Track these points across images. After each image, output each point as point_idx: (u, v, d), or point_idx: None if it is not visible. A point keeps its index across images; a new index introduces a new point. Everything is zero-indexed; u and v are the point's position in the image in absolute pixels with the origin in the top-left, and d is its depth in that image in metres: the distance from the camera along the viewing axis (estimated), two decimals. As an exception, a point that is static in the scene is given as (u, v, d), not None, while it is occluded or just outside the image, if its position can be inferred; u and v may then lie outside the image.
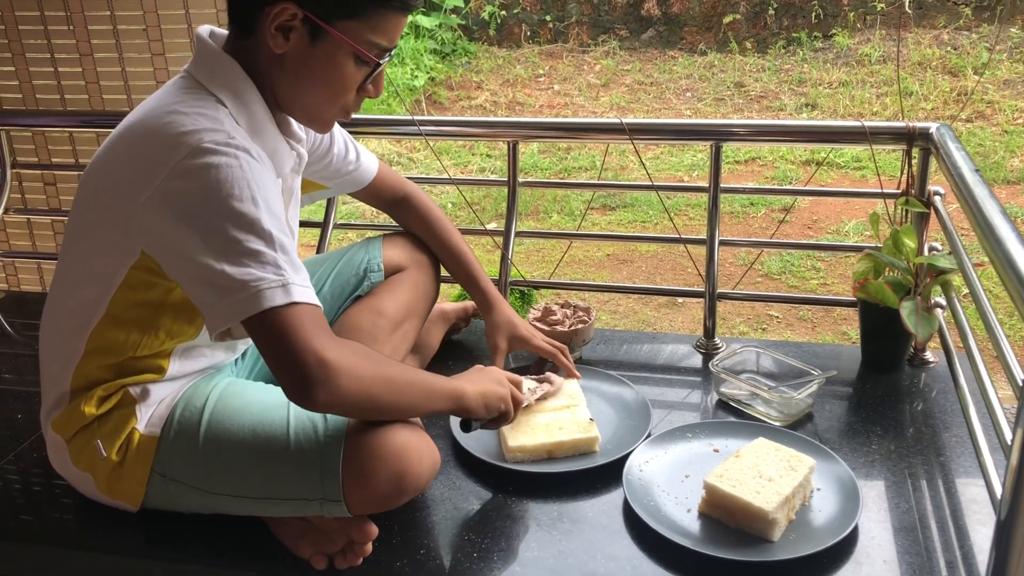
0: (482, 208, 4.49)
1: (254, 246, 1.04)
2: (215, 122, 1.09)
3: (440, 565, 1.20)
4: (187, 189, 1.05)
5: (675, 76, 6.15)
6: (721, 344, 1.79)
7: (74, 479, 1.27)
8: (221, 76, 1.16)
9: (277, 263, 1.04)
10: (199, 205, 1.05)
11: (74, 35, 2.41)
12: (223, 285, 1.03)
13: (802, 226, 4.17)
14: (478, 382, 1.25)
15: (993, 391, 1.22)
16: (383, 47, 1.17)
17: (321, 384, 1.01)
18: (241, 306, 1.02)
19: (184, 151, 1.06)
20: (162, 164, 1.06)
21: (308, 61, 1.15)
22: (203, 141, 1.06)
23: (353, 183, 1.58)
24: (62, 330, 1.23)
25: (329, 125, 1.26)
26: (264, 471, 1.17)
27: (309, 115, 1.23)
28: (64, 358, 1.23)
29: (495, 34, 6.77)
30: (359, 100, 1.23)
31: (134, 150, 1.12)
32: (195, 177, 1.05)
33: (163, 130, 1.09)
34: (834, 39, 6.16)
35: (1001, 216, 1.17)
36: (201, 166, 1.05)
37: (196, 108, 1.11)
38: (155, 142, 1.09)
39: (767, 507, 1.17)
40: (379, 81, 1.22)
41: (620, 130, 1.82)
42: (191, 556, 1.23)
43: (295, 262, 1.07)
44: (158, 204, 1.07)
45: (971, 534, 1.21)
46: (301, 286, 1.05)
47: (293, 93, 1.19)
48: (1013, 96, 5.29)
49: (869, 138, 1.69)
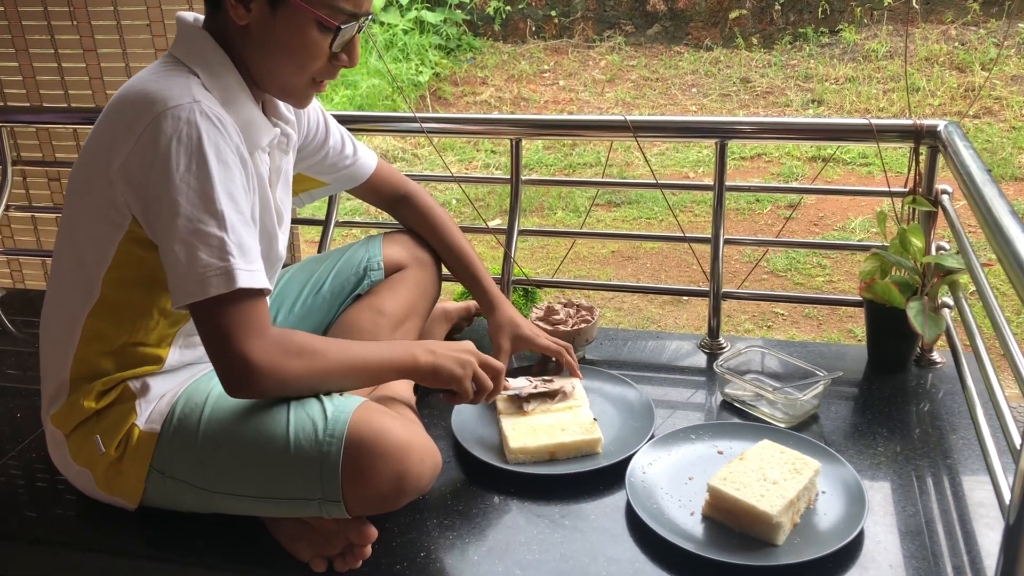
0: (486, 204, 4.48)
1: (203, 227, 1.06)
2: (183, 87, 1.12)
3: (440, 568, 1.19)
4: (150, 157, 1.08)
5: (681, 72, 6.12)
6: (726, 344, 1.77)
7: (73, 476, 1.27)
8: (195, 50, 1.18)
9: (224, 245, 1.07)
10: (159, 175, 1.08)
11: (77, 31, 2.41)
12: (173, 267, 1.08)
13: (808, 223, 4.15)
14: (438, 355, 1.25)
15: (1001, 393, 1.20)
16: (348, 12, 1.17)
17: (244, 383, 1.10)
18: (187, 292, 1.07)
19: (151, 115, 1.09)
20: (132, 129, 1.10)
21: (271, 30, 1.16)
22: (168, 106, 1.08)
23: (351, 179, 1.57)
24: (59, 319, 1.23)
25: (305, 98, 1.26)
26: (263, 470, 1.16)
27: (281, 87, 1.23)
28: (62, 347, 1.23)
29: (500, 29, 6.75)
30: (333, 69, 1.22)
31: (108, 121, 1.16)
32: (157, 144, 1.08)
33: (133, 97, 1.12)
34: (841, 35, 6.12)
35: (1010, 215, 1.15)
36: (163, 132, 1.07)
37: (167, 77, 1.14)
38: (126, 109, 1.13)
39: (771, 511, 1.15)
40: (353, 49, 1.21)
41: (624, 127, 1.80)
42: (190, 558, 1.22)
43: (244, 243, 1.09)
44: (130, 170, 1.10)
45: (979, 538, 1.19)
46: (246, 271, 1.08)
47: (262, 65, 1.20)
48: (1021, 92, 5.25)
49: (876, 136, 1.67)
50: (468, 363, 1.27)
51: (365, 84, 5.84)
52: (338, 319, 1.53)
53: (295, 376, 1.13)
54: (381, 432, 1.15)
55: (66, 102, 2.49)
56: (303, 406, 1.17)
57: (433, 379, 1.25)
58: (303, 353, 1.14)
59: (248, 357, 1.07)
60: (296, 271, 1.59)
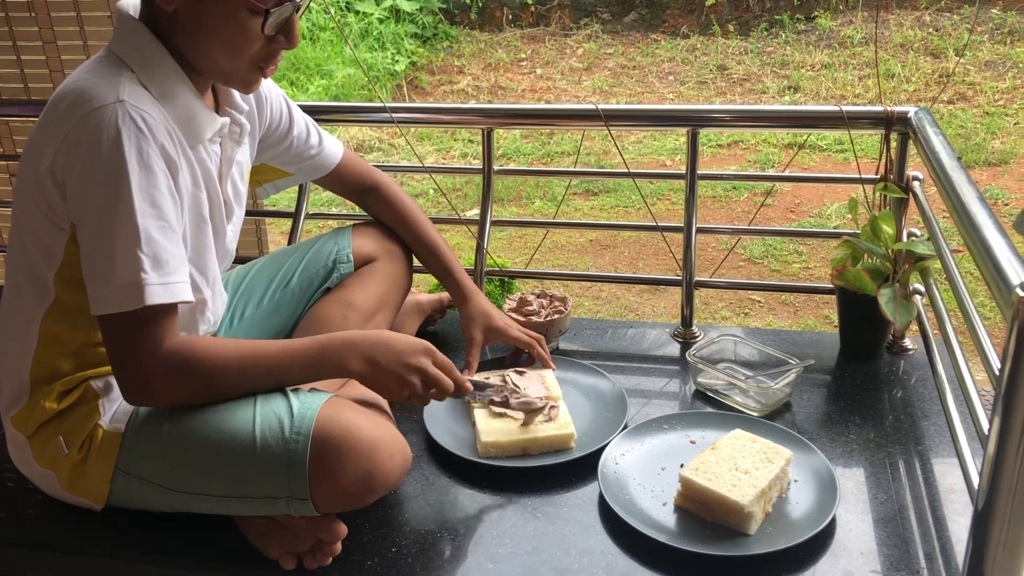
0: (464, 194, 4.45)
1: (117, 239, 1.05)
2: (112, 86, 1.09)
3: (411, 563, 1.17)
4: (73, 158, 1.07)
5: (658, 59, 6.11)
6: (699, 332, 1.77)
7: (37, 478, 1.25)
8: (131, 43, 1.15)
9: (135, 261, 1.05)
10: (79, 179, 1.06)
11: (36, 22, 2.35)
12: (88, 276, 1.08)
13: (784, 209, 4.16)
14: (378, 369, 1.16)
15: (971, 379, 1.20)
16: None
17: (137, 396, 1.12)
18: (97, 302, 1.07)
19: (75, 118, 1.07)
20: (59, 129, 1.08)
21: (200, 16, 1.12)
22: (92, 108, 1.06)
23: (316, 168, 1.54)
24: (15, 321, 1.21)
25: (249, 83, 1.22)
26: (230, 469, 1.15)
27: (221, 74, 1.20)
28: (19, 349, 1.20)
29: (476, 18, 6.70)
30: (272, 52, 1.18)
31: (42, 122, 1.13)
32: (80, 145, 1.06)
33: (63, 98, 1.10)
34: (816, 21, 6.14)
35: (978, 202, 1.15)
36: (84, 137, 1.06)
37: (99, 75, 1.11)
38: (56, 110, 1.10)
39: (743, 500, 1.15)
40: (290, 31, 1.17)
41: (596, 116, 1.78)
42: (159, 557, 1.20)
43: (159, 255, 1.07)
44: (56, 170, 1.09)
45: (949, 524, 1.20)
46: (157, 284, 1.07)
47: (196, 52, 1.16)
48: (994, 77, 5.29)
49: (847, 123, 1.67)
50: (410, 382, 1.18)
51: (340, 73, 5.78)
52: (307, 313, 1.50)
53: (178, 394, 1.14)
54: (348, 428, 1.13)
55: (26, 95, 2.43)
56: (269, 403, 1.15)
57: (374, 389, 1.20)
58: (192, 373, 1.11)
59: (141, 372, 1.09)
60: (264, 264, 1.57)
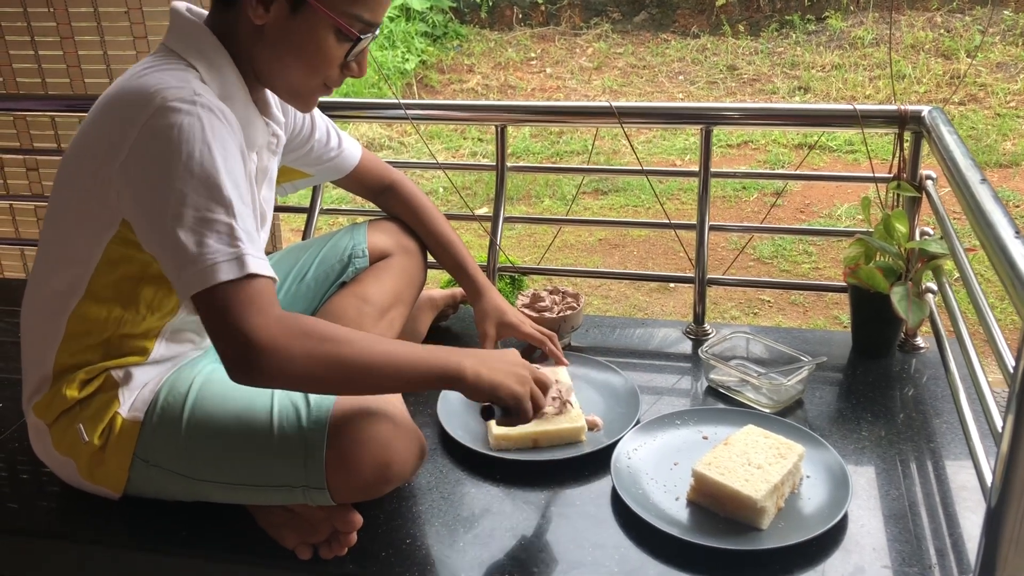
0: (474, 193, 4.47)
1: (211, 215, 1.03)
2: (181, 80, 1.08)
3: (426, 555, 1.18)
4: (153, 151, 1.05)
5: (668, 59, 6.11)
6: (711, 330, 1.77)
7: (56, 465, 1.26)
8: (194, 44, 1.15)
9: (232, 232, 1.03)
10: (162, 168, 1.04)
11: (54, 18, 2.37)
12: (180, 256, 1.02)
13: (794, 210, 4.16)
14: (490, 370, 1.13)
15: (984, 377, 1.21)
16: (366, 22, 1.15)
17: (245, 362, 1.01)
18: (195, 280, 1.01)
19: (151, 110, 1.05)
20: (132, 124, 1.06)
21: (288, 34, 1.13)
22: (168, 99, 1.05)
23: (335, 170, 1.56)
24: (43, 313, 1.21)
25: (310, 102, 1.24)
26: (247, 457, 1.16)
27: (290, 90, 1.21)
28: (45, 341, 1.21)
29: (487, 17, 6.71)
30: (341, 77, 1.21)
31: (105, 117, 1.11)
32: (159, 138, 1.04)
33: (131, 92, 1.08)
34: (827, 22, 6.13)
35: (993, 200, 1.15)
36: (165, 126, 1.04)
37: (163, 71, 1.10)
38: (124, 104, 1.09)
39: (756, 495, 1.15)
40: (362, 59, 1.20)
41: (609, 113, 1.79)
42: (174, 547, 1.22)
43: (250, 231, 1.06)
44: (130, 166, 1.06)
45: (961, 521, 1.20)
46: (255, 257, 1.04)
47: (274, 67, 1.17)
48: (1006, 79, 5.28)
49: (861, 121, 1.67)
50: (526, 379, 1.16)
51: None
52: (322, 307, 1.51)
53: (301, 356, 1.02)
54: (365, 420, 1.14)
55: (43, 90, 2.45)
56: (287, 393, 1.16)
57: (482, 395, 1.13)
58: (311, 335, 1.03)
59: (249, 334, 1.00)
60: (279, 259, 1.58)
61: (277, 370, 1.01)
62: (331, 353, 1.04)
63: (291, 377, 1.03)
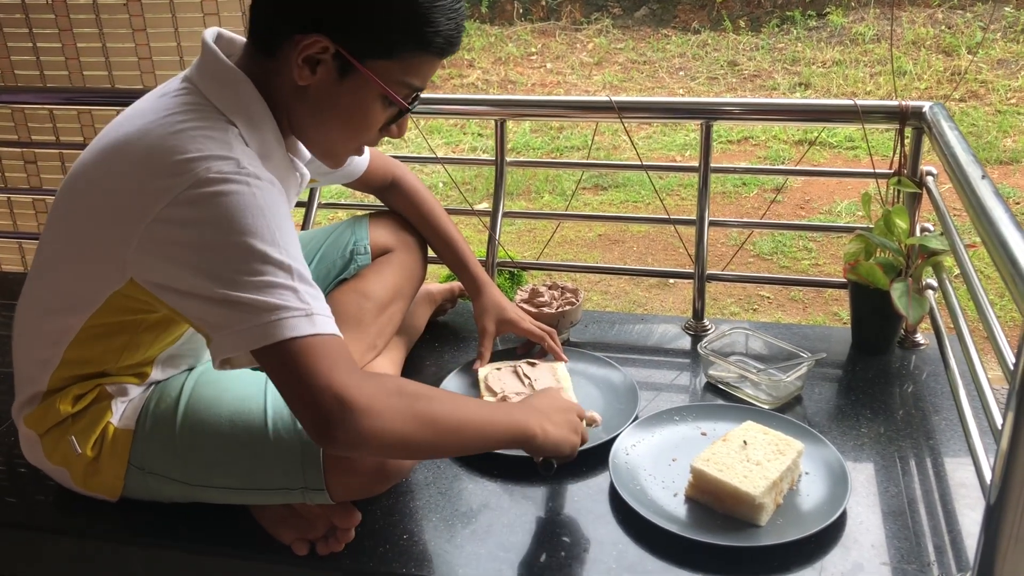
0: (473, 188, 4.46)
1: (272, 278, 0.95)
2: (224, 146, 1.00)
3: (424, 550, 1.18)
4: (194, 218, 0.97)
5: (668, 55, 6.10)
6: (710, 326, 1.77)
7: (50, 472, 1.24)
8: (233, 96, 1.06)
9: (298, 293, 0.96)
10: (209, 236, 0.96)
11: (53, 10, 2.36)
12: (238, 310, 0.95)
13: (794, 206, 4.16)
14: (554, 425, 1.15)
15: (984, 374, 1.20)
16: (413, 87, 1.10)
17: (340, 425, 0.93)
18: (257, 332, 0.94)
19: (190, 179, 0.97)
20: (165, 191, 0.98)
21: (333, 97, 1.07)
22: (211, 171, 0.97)
23: (345, 176, 1.54)
24: (40, 341, 1.17)
25: (342, 161, 1.20)
26: (244, 462, 1.15)
27: (325, 150, 1.17)
28: (41, 365, 1.18)
29: (487, 11, 6.70)
30: (379, 139, 1.17)
31: (134, 172, 1.02)
32: (204, 206, 0.96)
33: (167, 154, 0.99)
34: (828, 18, 6.12)
35: (994, 197, 1.15)
36: (210, 195, 0.96)
37: (203, 130, 1.01)
38: (158, 166, 0.99)
39: (754, 492, 1.15)
40: (404, 123, 1.16)
41: (609, 108, 1.79)
42: (171, 542, 1.21)
43: (317, 293, 1.00)
44: (157, 233, 0.99)
45: (960, 518, 1.20)
46: (326, 316, 0.98)
47: (312, 126, 1.12)
48: (1006, 76, 5.27)
49: (861, 117, 1.66)
50: (579, 425, 1.20)
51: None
52: (322, 302, 1.51)
53: (401, 419, 0.97)
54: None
55: (42, 82, 2.44)
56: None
57: (547, 452, 1.16)
58: (404, 393, 0.99)
59: (343, 391, 0.92)
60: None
61: (371, 432, 0.95)
62: (424, 412, 1.01)
63: (385, 439, 0.97)
